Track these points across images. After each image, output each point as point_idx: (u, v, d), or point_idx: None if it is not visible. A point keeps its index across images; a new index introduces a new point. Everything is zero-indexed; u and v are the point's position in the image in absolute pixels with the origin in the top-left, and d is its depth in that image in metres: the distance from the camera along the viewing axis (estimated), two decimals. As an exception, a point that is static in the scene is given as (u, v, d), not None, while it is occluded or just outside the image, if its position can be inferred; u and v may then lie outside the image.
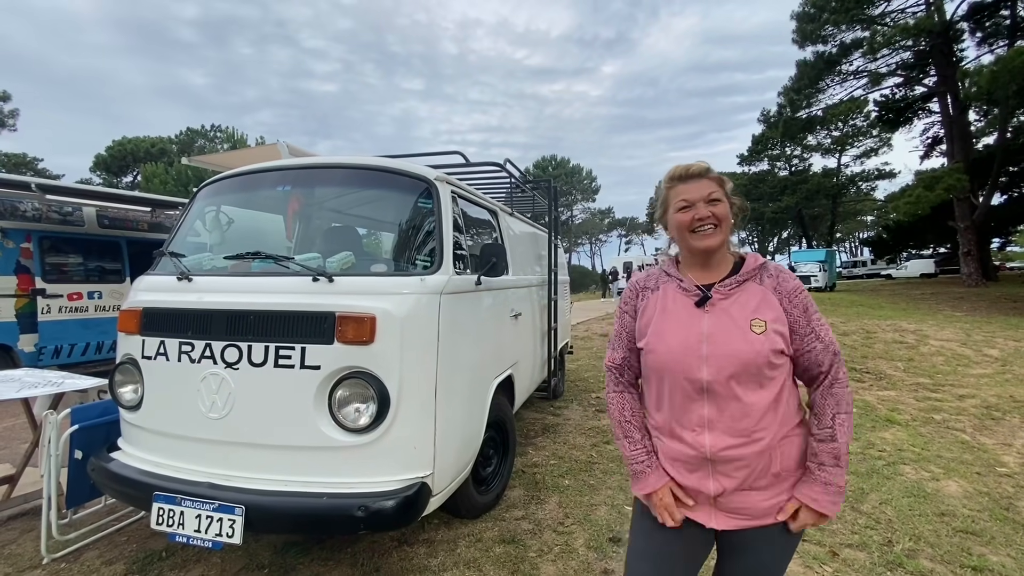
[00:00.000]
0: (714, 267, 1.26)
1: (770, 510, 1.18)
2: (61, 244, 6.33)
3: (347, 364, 1.95)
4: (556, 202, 4.89)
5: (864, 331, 8.73)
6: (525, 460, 3.69)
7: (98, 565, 2.40)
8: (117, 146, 37.60)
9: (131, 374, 2.26)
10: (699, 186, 1.22)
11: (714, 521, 1.20)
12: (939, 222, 22.01)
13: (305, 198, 2.87)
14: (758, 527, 1.19)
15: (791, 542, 1.23)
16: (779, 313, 1.18)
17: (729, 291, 1.21)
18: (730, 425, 1.15)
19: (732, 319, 1.17)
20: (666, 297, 1.27)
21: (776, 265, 1.26)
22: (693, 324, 1.20)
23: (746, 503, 1.18)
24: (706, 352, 1.16)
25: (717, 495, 1.18)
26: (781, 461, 1.17)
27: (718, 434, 1.15)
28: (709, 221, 1.19)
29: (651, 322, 1.27)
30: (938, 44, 19.57)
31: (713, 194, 1.21)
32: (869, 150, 37.29)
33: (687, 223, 1.21)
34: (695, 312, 1.21)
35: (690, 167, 1.24)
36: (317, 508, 1.83)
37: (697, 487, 1.19)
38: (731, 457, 1.15)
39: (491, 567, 2.34)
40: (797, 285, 1.22)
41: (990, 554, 2.41)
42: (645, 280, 1.35)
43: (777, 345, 1.14)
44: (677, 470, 1.22)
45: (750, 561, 1.24)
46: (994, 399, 5.13)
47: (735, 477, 1.16)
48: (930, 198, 17.18)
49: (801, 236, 44.46)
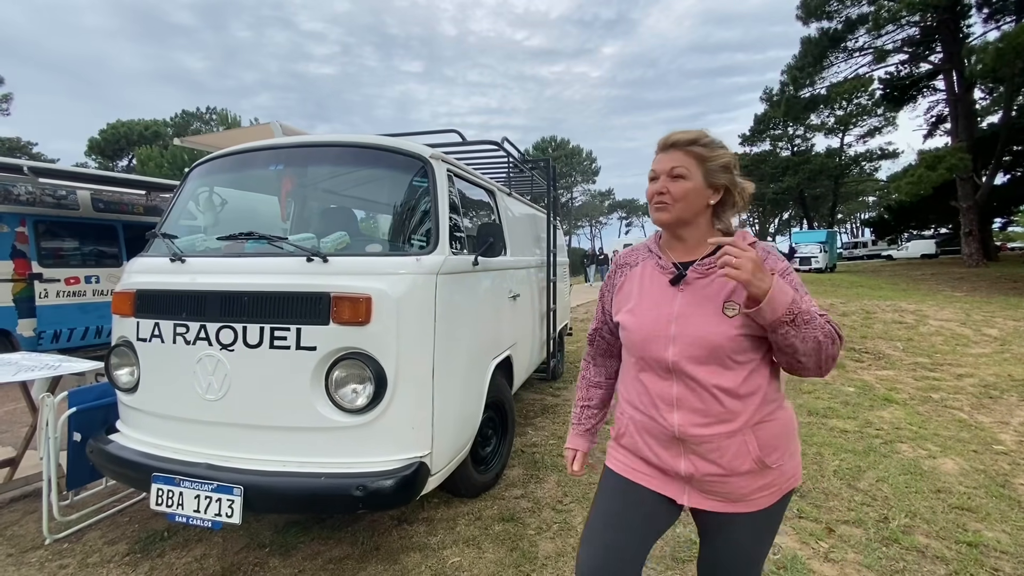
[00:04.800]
0: (692, 244, 1.20)
1: (746, 496, 1.14)
2: (56, 228, 6.27)
3: (343, 345, 1.93)
4: (555, 182, 4.83)
5: (864, 311, 8.73)
6: (524, 440, 3.71)
7: (100, 545, 2.42)
8: (111, 129, 37.16)
9: (127, 356, 2.24)
10: (668, 158, 1.16)
11: (686, 498, 1.18)
12: (941, 202, 21.84)
13: (298, 177, 2.82)
14: (734, 512, 1.16)
15: (770, 525, 1.21)
16: None
17: (706, 270, 1.15)
18: (697, 406, 1.11)
19: (706, 299, 1.12)
20: (644, 274, 1.25)
21: (764, 245, 1.17)
22: (665, 303, 1.16)
23: (723, 487, 1.14)
24: (674, 332, 1.13)
25: (688, 475, 1.15)
26: (758, 446, 1.11)
27: (685, 413, 1.12)
28: (664, 197, 1.15)
29: (627, 299, 1.25)
30: (944, 20, 19.18)
31: (676, 169, 1.14)
32: (873, 129, 36.76)
33: (649, 195, 1.20)
34: (668, 291, 1.17)
35: (671, 135, 1.18)
36: (316, 488, 1.84)
37: (670, 465, 1.17)
38: (699, 438, 1.11)
39: (490, 544, 2.36)
40: (786, 266, 1.14)
41: (985, 530, 2.43)
42: (627, 256, 1.34)
43: (750, 329, 1.08)
44: (650, 445, 1.20)
45: (729, 544, 1.21)
46: (992, 378, 5.14)
47: (709, 460, 1.12)
48: (932, 178, 17.03)
49: (802, 217, 44.26)
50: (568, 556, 2.26)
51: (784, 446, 1.16)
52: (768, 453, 1.12)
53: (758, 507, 1.16)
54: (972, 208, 19.61)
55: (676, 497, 1.19)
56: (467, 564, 2.22)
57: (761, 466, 1.12)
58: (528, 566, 2.19)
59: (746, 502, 1.15)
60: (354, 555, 2.30)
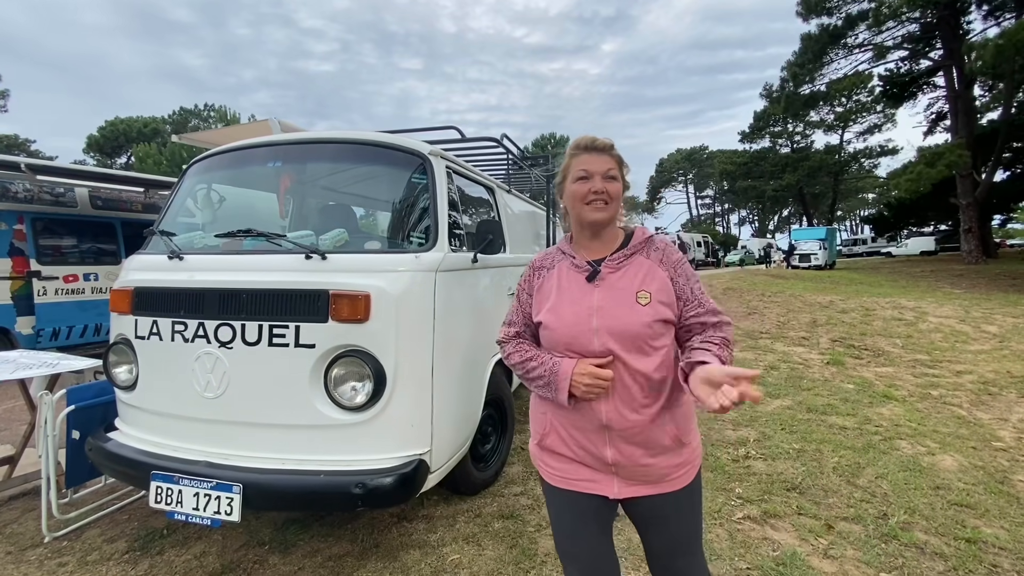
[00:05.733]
0: (605, 241, 1.31)
1: (667, 474, 1.23)
2: (55, 226, 6.25)
3: (342, 342, 1.93)
4: (554, 179, 4.82)
5: (863, 309, 8.74)
6: (524, 437, 3.71)
7: (99, 543, 2.42)
8: (110, 127, 37.08)
9: (125, 354, 2.24)
10: (601, 160, 1.25)
11: (616, 489, 1.24)
12: (941, 199, 21.87)
13: (297, 174, 2.81)
14: (658, 494, 1.23)
15: (693, 502, 1.28)
16: (663, 284, 1.23)
17: (617, 265, 1.26)
18: (622, 393, 1.19)
19: (620, 291, 1.22)
20: (560, 275, 1.32)
21: (662, 239, 1.32)
22: (584, 298, 1.24)
23: (646, 470, 1.22)
24: (596, 324, 1.20)
25: (615, 463, 1.22)
26: (674, 425, 1.22)
27: (611, 401, 1.19)
28: (602, 196, 1.23)
29: (547, 299, 1.31)
30: (945, 16, 19.15)
31: (611, 171, 1.25)
32: (872, 126, 36.79)
33: (583, 194, 1.25)
34: (586, 287, 1.26)
35: (596, 139, 1.27)
36: (315, 486, 1.83)
37: (596, 455, 1.23)
38: (625, 424, 1.19)
39: (490, 542, 2.36)
40: (681, 257, 1.29)
41: (984, 526, 2.44)
42: (542, 260, 1.40)
43: (661, 315, 1.20)
44: (576, 438, 1.26)
45: (663, 530, 1.28)
46: (991, 375, 5.15)
47: (634, 445, 1.20)
48: (931, 175, 17.03)
49: (802, 214, 44.23)
50: (568, 553, 2.26)
51: (693, 425, 1.30)
52: (684, 431, 1.24)
53: (679, 485, 1.24)
54: (972, 205, 19.62)
55: (607, 493, 1.25)
56: (467, 561, 2.22)
57: (678, 444, 1.23)
58: (528, 563, 2.19)
59: (668, 481, 1.24)
60: (354, 552, 2.30)
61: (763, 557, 2.21)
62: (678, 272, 1.25)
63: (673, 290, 1.23)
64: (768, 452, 3.32)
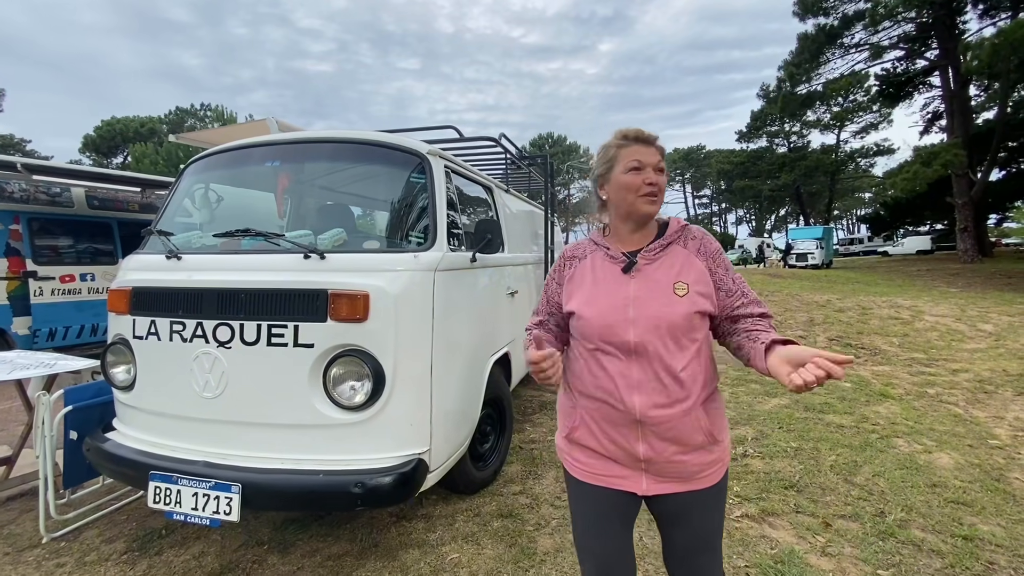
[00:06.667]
0: (644, 232, 1.29)
1: (698, 471, 1.20)
2: (51, 225, 6.22)
3: (341, 342, 1.93)
4: (553, 179, 4.82)
5: (860, 307, 8.76)
6: (523, 436, 3.71)
7: (98, 544, 2.41)
8: (106, 126, 36.89)
9: (123, 354, 2.23)
10: (651, 151, 1.23)
11: (645, 486, 1.22)
12: (937, 198, 21.96)
13: (295, 174, 2.81)
14: (687, 491, 1.21)
15: (719, 501, 1.27)
16: (701, 274, 1.21)
17: (654, 256, 1.24)
18: (657, 386, 1.17)
19: (656, 283, 1.21)
20: (594, 266, 1.30)
21: (698, 228, 1.30)
22: (620, 289, 1.23)
23: (678, 467, 1.20)
24: (633, 315, 1.18)
25: (647, 458, 1.20)
26: (708, 421, 1.20)
27: (646, 394, 1.17)
28: (654, 188, 1.21)
29: (580, 289, 1.29)
30: (941, 16, 19.21)
31: (661, 163, 1.24)
32: (869, 126, 36.85)
33: (637, 186, 1.21)
34: (622, 278, 1.24)
35: (644, 131, 1.25)
36: (314, 485, 1.83)
37: (628, 450, 1.21)
38: (659, 419, 1.16)
39: (489, 541, 2.36)
40: (719, 247, 1.28)
41: (980, 523, 2.45)
42: (573, 250, 1.39)
43: (699, 306, 1.18)
44: (607, 433, 1.23)
45: (687, 528, 1.26)
46: (987, 373, 5.17)
47: (667, 440, 1.17)
48: (927, 174, 17.09)
49: (799, 213, 44.35)
50: (567, 552, 2.26)
51: (725, 421, 1.27)
52: (717, 428, 1.22)
53: (708, 483, 1.22)
54: (967, 204, 19.69)
55: (635, 489, 1.23)
56: (466, 560, 2.22)
57: (711, 440, 1.20)
58: (527, 562, 2.20)
59: (698, 479, 1.21)
60: (353, 552, 2.30)
61: (761, 555, 2.21)
62: (716, 262, 1.24)
63: (711, 281, 1.22)
64: (766, 450, 3.33)
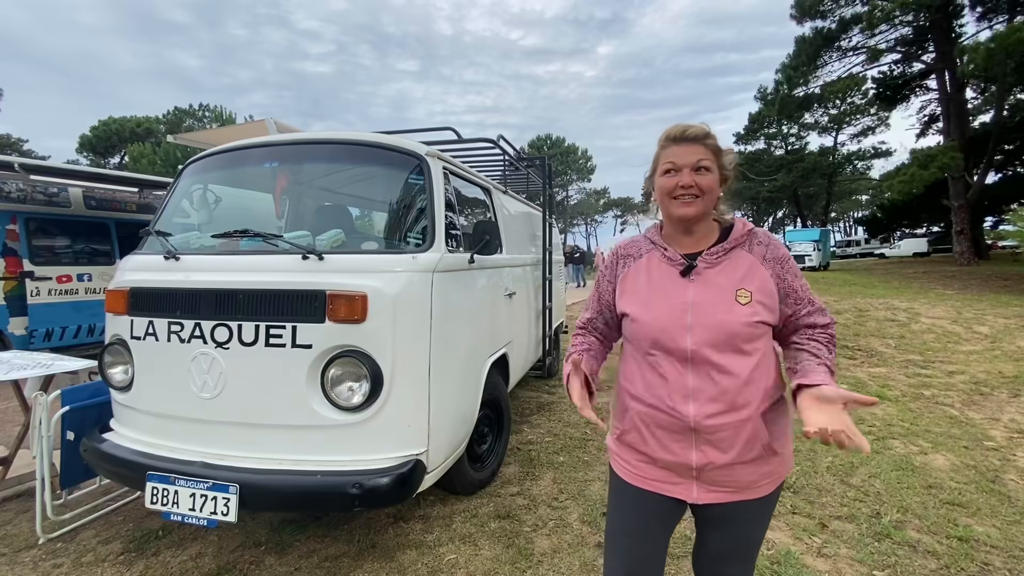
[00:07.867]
0: (698, 236, 1.22)
1: (752, 483, 1.16)
2: (48, 226, 6.20)
3: (339, 343, 1.93)
4: (551, 180, 4.83)
5: (857, 309, 8.79)
6: (520, 437, 3.72)
7: (94, 544, 2.41)
8: (103, 126, 36.73)
9: (120, 355, 2.23)
10: (690, 151, 1.16)
11: (695, 495, 1.18)
12: (933, 201, 22.01)
13: (293, 175, 2.81)
14: (737, 501, 1.17)
15: (767, 511, 1.23)
16: (765, 282, 1.15)
17: (715, 260, 1.18)
18: (713, 394, 1.11)
19: (717, 288, 1.15)
20: (650, 266, 1.25)
21: (765, 232, 1.23)
22: (678, 294, 1.17)
23: (731, 476, 1.15)
24: (690, 321, 1.13)
25: (700, 467, 1.14)
26: (767, 432, 1.14)
27: (701, 403, 1.12)
28: (691, 191, 1.15)
29: (635, 291, 1.24)
30: (937, 19, 19.28)
31: (702, 161, 1.16)
32: (866, 128, 36.93)
33: (669, 189, 1.17)
34: (680, 282, 1.18)
35: (688, 128, 1.18)
36: (312, 486, 1.83)
37: (680, 458, 1.16)
38: (714, 427, 1.11)
39: (486, 542, 2.37)
40: (787, 253, 1.20)
41: (976, 524, 2.46)
42: (627, 247, 1.32)
43: (760, 316, 1.12)
44: (660, 438, 1.18)
45: (729, 534, 1.23)
46: (983, 375, 5.19)
47: (721, 450, 1.12)
48: (924, 176, 17.14)
49: (796, 216, 44.46)
50: (564, 553, 2.27)
51: (788, 433, 1.20)
52: (777, 439, 1.15)
53: (761, 494, 1.17)
54: (964, 207, 19.75)
55: (685, 497, 1.19)
56: (463, 561, 2.22)
57: (770, 452, 1.14)
58: (524, 563, 2.20)
59: (751, 490, 1.16)
60: (350, 553, 2.30)
61: (758, 556, 2.22)
62: (785, 268, 1.18)
63: (776, 290, 1.16)
64: (763, 452, 3.33)
